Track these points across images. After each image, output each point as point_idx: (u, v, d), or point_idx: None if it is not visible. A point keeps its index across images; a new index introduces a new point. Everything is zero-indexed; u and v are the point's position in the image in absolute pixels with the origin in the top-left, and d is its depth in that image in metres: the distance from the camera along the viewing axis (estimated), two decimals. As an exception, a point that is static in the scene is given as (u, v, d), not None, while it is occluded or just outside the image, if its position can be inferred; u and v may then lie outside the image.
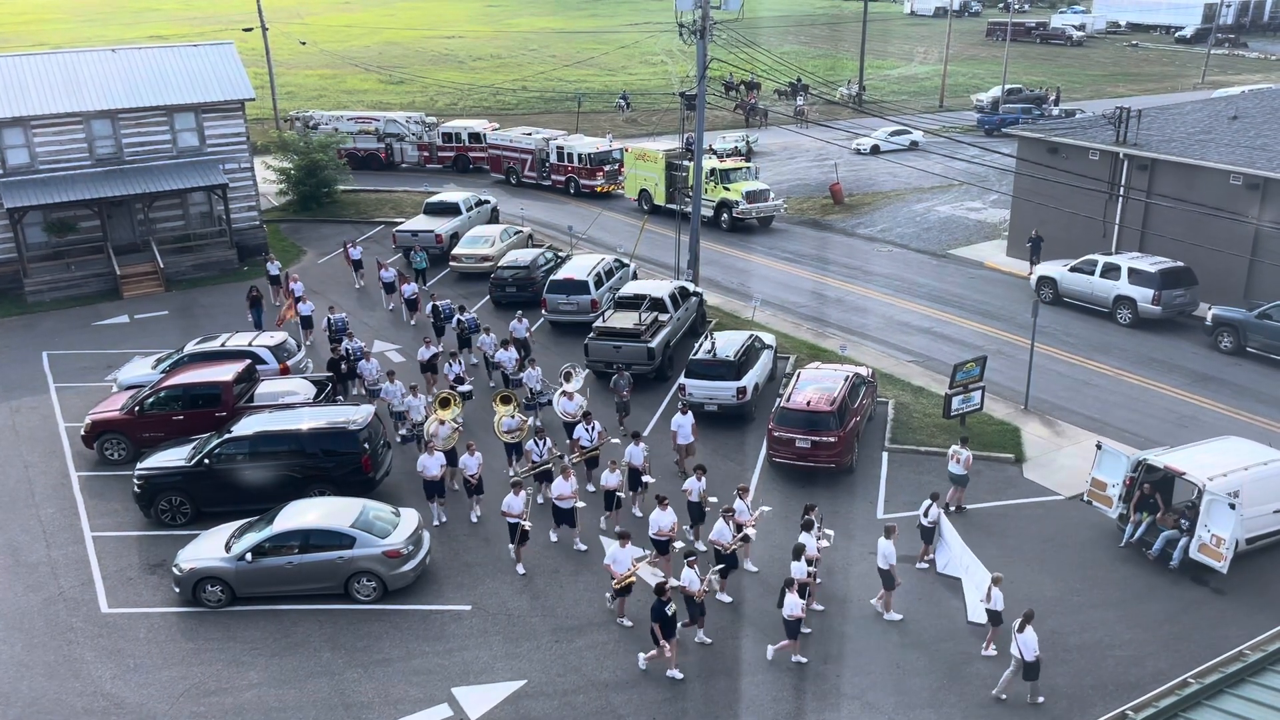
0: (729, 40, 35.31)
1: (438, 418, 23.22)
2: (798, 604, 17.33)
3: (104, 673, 18.11)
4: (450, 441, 22.84)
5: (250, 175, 41.04)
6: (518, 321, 29.80)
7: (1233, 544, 18.88)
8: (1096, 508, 21.36)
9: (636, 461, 21.99)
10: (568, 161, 49.88)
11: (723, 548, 19.06)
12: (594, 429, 23.09)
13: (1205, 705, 10.61)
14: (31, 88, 37.33)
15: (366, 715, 16.97)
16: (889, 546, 18.45)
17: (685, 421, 23.54)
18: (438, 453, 22.11)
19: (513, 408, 23.83)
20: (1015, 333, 31.44)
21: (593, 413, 23.85)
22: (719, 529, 19.10)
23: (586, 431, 23.02)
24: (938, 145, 53.84)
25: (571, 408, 24.09)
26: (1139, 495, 20.67)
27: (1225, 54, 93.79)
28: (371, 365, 27.25)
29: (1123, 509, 20.89)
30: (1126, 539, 20.74)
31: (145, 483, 22.33)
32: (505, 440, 23.56)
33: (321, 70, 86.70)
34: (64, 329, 34.51)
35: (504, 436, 23.55)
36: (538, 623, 19.16)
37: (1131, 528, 20.71)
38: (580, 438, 23.09)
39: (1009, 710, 16.67)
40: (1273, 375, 28.73)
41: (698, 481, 20.77)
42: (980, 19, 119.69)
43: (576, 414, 23.70)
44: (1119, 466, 20.84)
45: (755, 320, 32.88)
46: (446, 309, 31.41)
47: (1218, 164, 32.70)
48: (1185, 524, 19.85)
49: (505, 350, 27.86)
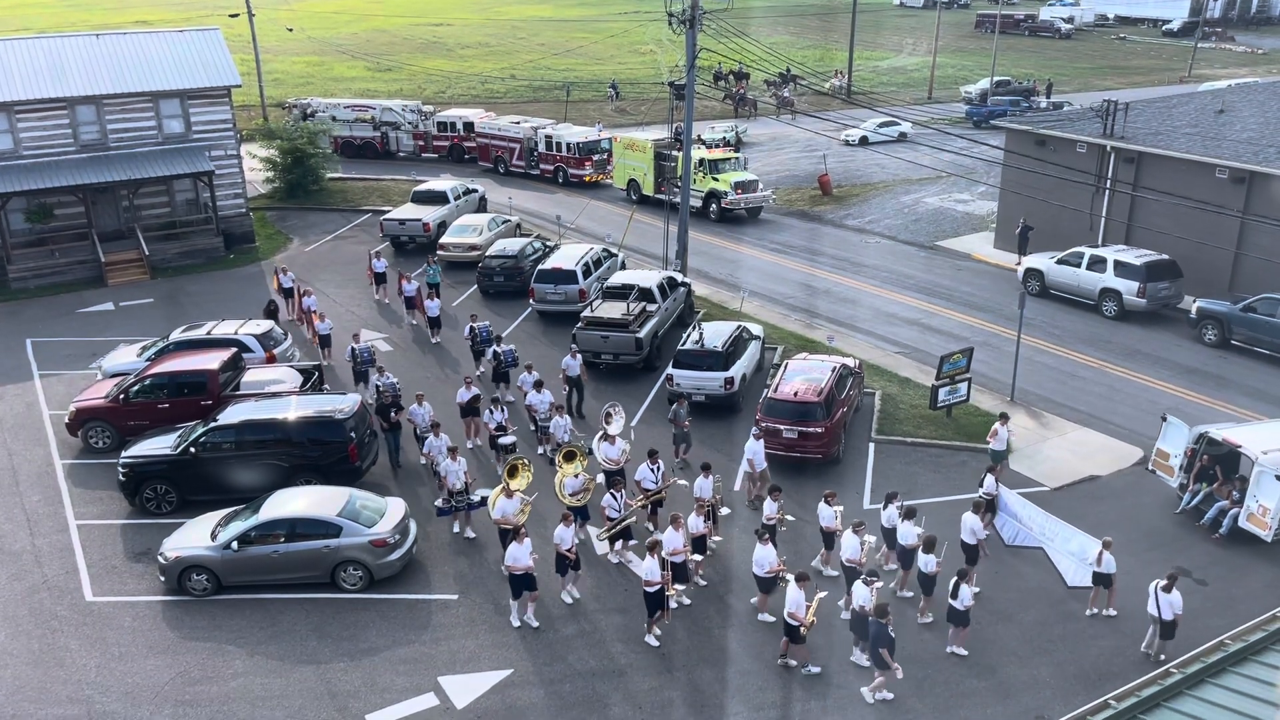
0: (718, 30, 35.21)
1: (504, 489, 19.65)
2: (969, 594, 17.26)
3: (89, 661, 18.05)
4: (521, 518, 19.41)
5: (237, 162, 40.81)
6: (571, 357, 26.05)
7: (1278, 515, 19.67)
8: (1159, 477, 22.31)
9: (705, 495, 20.08)
10: (556, 151, 49.75)
11: (858, 564, 18.17)
12: (659, 468, 20.82)
13: (1187, 694, 10.69)
14: (15, 73, 37.00)
15: (352, 704, 16.97)
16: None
17: (759, 448, 21.80)
18: (528, 539, 18.31)
19: (579, 464, 20.59)
20: (1002, 324, 31.55)
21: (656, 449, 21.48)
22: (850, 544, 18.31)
23: (651, 471, 20.71)
24: (926, 137, 53.89)
25: (614, 453, 21.35)
26: (1199, 466, 21.61)
27: (1212, 47, 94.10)
28: (423, 411, 23.61)
29: (1183, 479, 21.81)
30: (1183, 506, 21.70)
31: (130, 471, 22.23)
32: (571, 504, 20.08)
33: (309, 57, 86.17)
34: (48, 316, 34.28)
35: (569, 500, 20.13)
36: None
37: (1189, 496, 21.65)
38: (644, 479, 20.73)
39: (985, 699, 16.78)
40: (1256, 368, 28.92)
41: (773, 503, 19.68)
42: (969, 11, 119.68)
43: (620, 460, 21.31)
44: (1181, 438, 21.79)
45: (743, 311, 32.90)
46: (484, 331, 28.20)
47: (1204, 157, 32.83)
48: (1237, 495, 20.74)
49: (539, 392, 24.15)
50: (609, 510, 19.88)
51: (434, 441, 22.26)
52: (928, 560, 18.18)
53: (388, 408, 23.74)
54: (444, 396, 26.15)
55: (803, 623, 16.77)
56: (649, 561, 17.48)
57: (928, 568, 18.19)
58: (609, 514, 19.87)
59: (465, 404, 24.60)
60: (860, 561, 18.28)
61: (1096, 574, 18.47)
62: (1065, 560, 19.81)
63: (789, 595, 16.86)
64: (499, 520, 19.39)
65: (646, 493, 20.69)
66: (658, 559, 17.48)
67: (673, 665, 17.72)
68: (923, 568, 18.29)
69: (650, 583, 17.43)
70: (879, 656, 16.28)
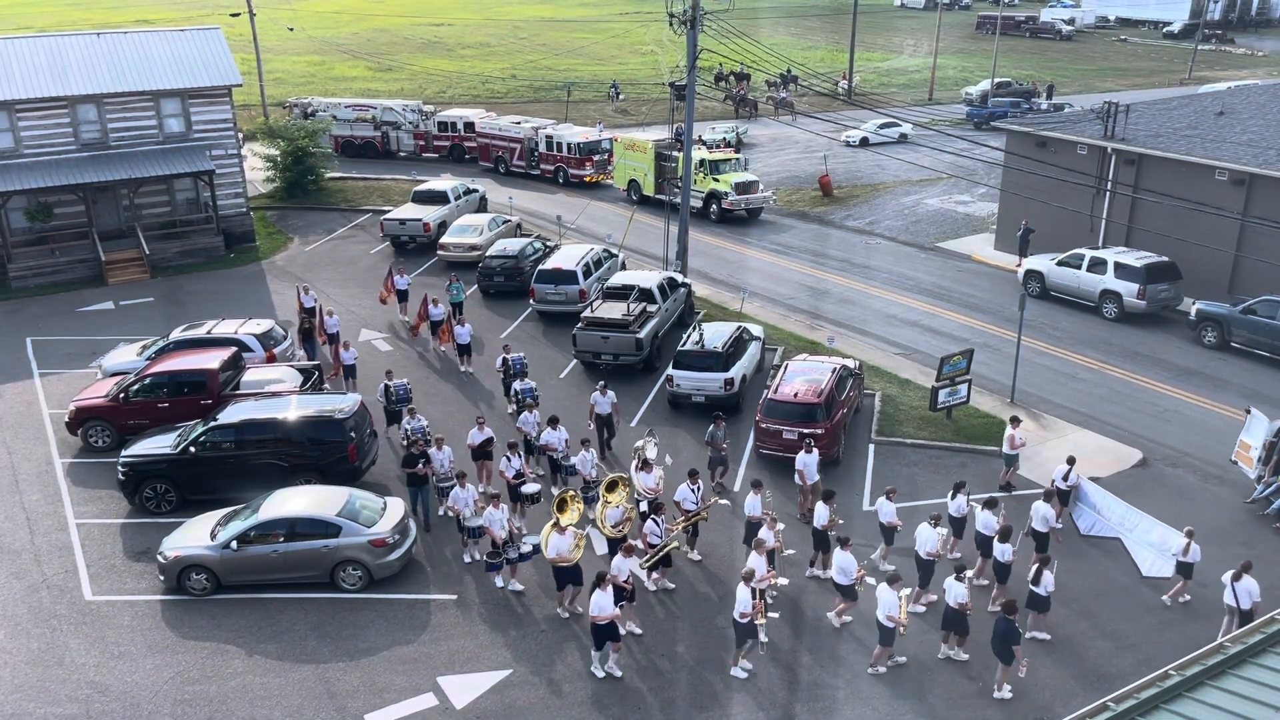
0: (719, 30, 35.21)
1: (555, 525, 18.68)
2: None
3: (88, 660, 18.05)
4: (576, 553, 18.58)
5: (237, 161, 40.81)
6: (600, 394, 24.22)
7: None
8: (1240, 468, 22.69)
9: (755, 513, 19.67)
10: (556, 151, 49.75)
11: (936, 556, 18.63)
12: (699, 489, 20.22)
13: (1186, 697, 10.68)
14: (16, 71, 37.00)
15: (351, 704, 16.97)
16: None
17: (812, 460, 21.46)
18: (611, 586, 16.99)
19: (622, 494, 19.87)
20: (1002, 326, 31.55)
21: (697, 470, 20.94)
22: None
23: (691, 492, 20.08)
24: (927, 138, 53.89)
25: (651, 481, 20.52)
26: (1277, 459, 21.88)
27: (1212, 49, 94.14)
28: (444, 455, 21.62)
29: (1260, 470, 22.14)
30: (1255, 496, 22.10)
31: (130, 470, 22.23)
32: (610, 535, 19.50)
33: (309, 56, 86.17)
34: (48, 315, 34.28)
35: (610, 532, 19.50)
36: (523, 613, 19.16)
37: (1262, 487, 22.03)
38: (684, 499, 20.08)
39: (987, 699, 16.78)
40: (1255, 370, 28.92)
41: (826, 507, 19.50)
42: (970, 12, 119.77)
43: (658, 488, 20.49)
44: (1263, 430, 22.18)
45: (743, 312, 32.90)
46: (518, 363, 26.10)
47: (1204, 159, 32.85)
48: None
49: (554, 430, 22.42)
50: (651, 537, 19.20)
51: (460, 494, 20.20)
52: (1003, 549, 18.46)
53: (416, 459, 21.39)
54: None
55: (901, 624, 16.82)
56: (742, 591, 16.85)
57: (1004, 557, 18.50)
58: (651, 540, 19.20)
59: (478, 446, 22.63)
60: (938, 554, 18.66)
61: (1180, 563, 18.76)
62: (1144, 551, 20.05)
63: (882, 598, 16.86)
64: (555, 559, 18.37)
65: (686, 514, 20.05)
66: (750, 589, 16.84)
67: (671, 666, 17.71)
68: (999, 557, 18.56)
69: (744, 614, 16.79)
70: (1007, 652, 16.33)
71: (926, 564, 18.84)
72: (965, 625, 17.26)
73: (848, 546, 18.06)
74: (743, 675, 17.38)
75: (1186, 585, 18.89)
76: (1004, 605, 16.44)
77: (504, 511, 19.47)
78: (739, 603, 16.84)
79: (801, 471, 21.45)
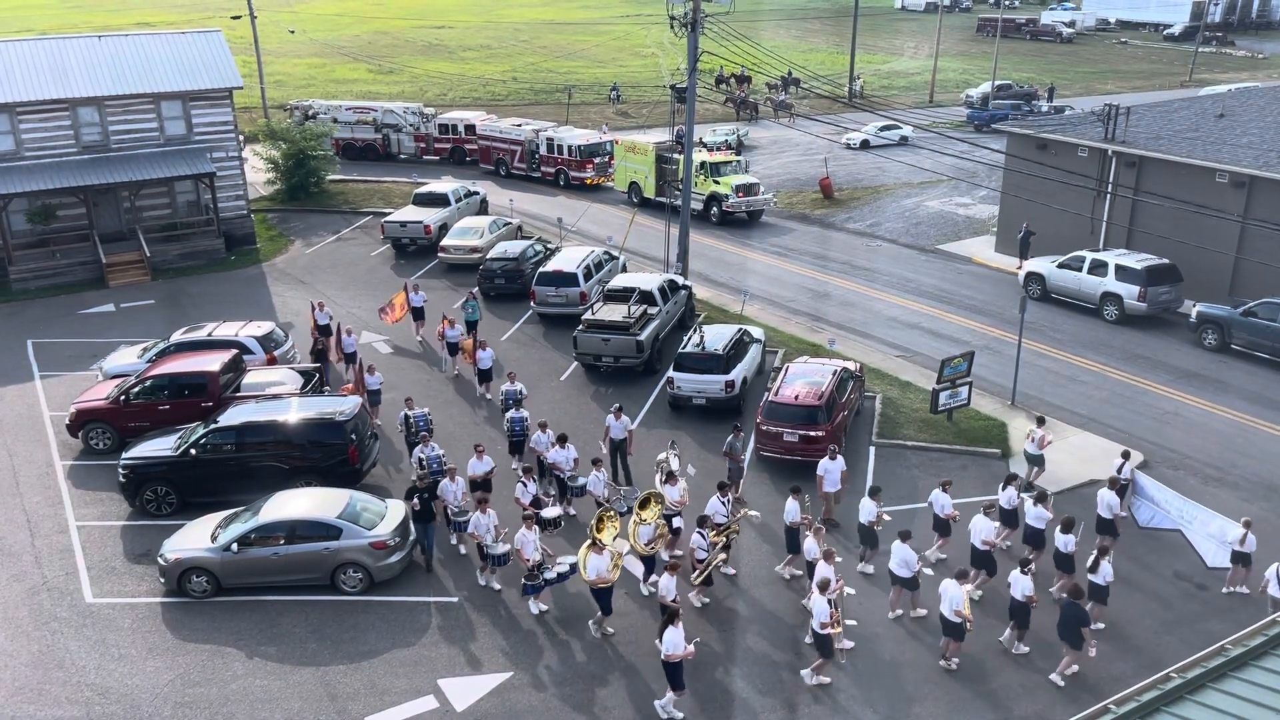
0: (720, 33, 35.23)
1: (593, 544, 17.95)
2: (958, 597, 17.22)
3: (88, 663, 18.04)
4: (614, 574, 18.05)
5: (238, 164, 40.84)
6: (614, 417, 22.95)
7: None
8: None
9: (794, 519, 19.51)
10: (557, 153, 49.77)
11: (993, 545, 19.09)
12: (728, 500, 19.67)
13: (1187, 699, 10.67)
14: (17, 74, 37.04)
15: (352, 706, 16.96)
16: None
17: (835, 467, 21.05)
18: (681, 622, 16.15)
19: (654, 510, 19.24)
20: (1003, 328, 31.55)
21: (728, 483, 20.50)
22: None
23: (722, 504, 19.55)
24: (927, 140, 53.93)
25: (676, 494, 20.26)
26: None
27: (1213, 52, 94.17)
28: (456, 487, 20.61)
29: None
30: None
31: (131, 472, 22.22)
32: (644, 554, 19.14)
33: (310, 59, 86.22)
34: (49, 317, 34.29)
35: (645, 550, 19.10)
36: (524, 615, 19.15)
37: None
38: (716, 512, 19.44)
39: (993, 697, 16.77)
40: (1256, 372, 28.91)
41: (874, 503, 19.51)
42: (970, 15, 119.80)
43: (683, 500, 20.29)
44: None
45: (744, 314, 32.91)
46: (513, 395, 24.52)
47: (1204, 161, 32.85)
48: None
49: (563, 448, 21.65)
50: (699, 552, 18.71)
51: (481, 519, 19.30)
52: (1066, 540, 18.62)
53: (420, 492, 20.17)
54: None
55: (968, 619, 16.89)
56: (819, 602, 16.62)
57: (1066, 547, 18.65)
58: (699, 555, 18.72)
59: (480, 478, 21.46)
60: (994, 544, 18.86)
61: (1237, 553, 18.96)
62: (1205, 543, 20.05)
63: (949, 593, 16.93)
64: (595, 581, 17.80)
65: (718, 528, 19.38)
66: (826, 598, 16.64)
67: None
68: (1061, 547, 18.72)
69: (823, 624, 16.54)
70: (1075, 636, 16.50)
71: (982, 554, 19.03)
72: (1028, 618, 17.48)
73: (908, 539, 18.15)
74: (822, 682, 17.17)
75: (1243, 574, 19.09)
76: (1070, 590, 16.73)
77: (536, 533, 18.75)
78: (817, 613, 16.68)
79: (822, 478, 21.18)
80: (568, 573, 18.79)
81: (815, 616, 16.66)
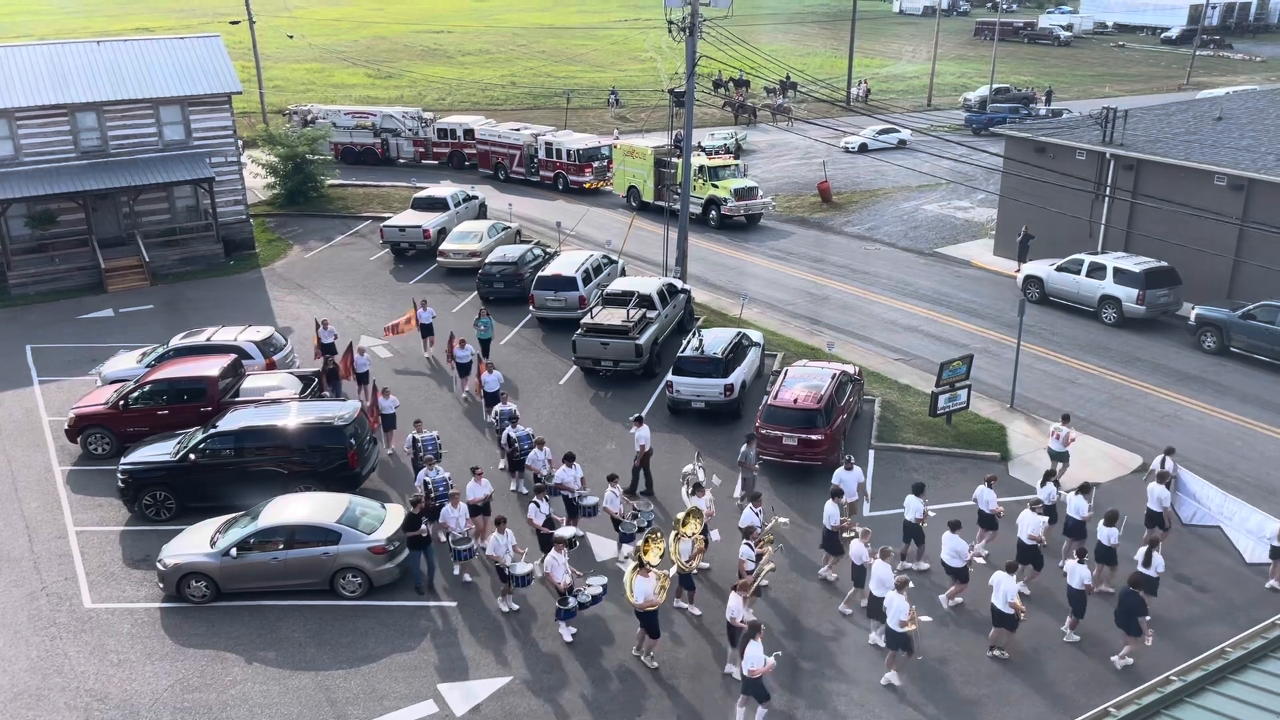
0: (718, 37, 35.28)
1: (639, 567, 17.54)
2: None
3: (87, 668, 18.02)
4: (660, 596, 17.50)
5: (237, 169, 40.86)
6: (636, 426, 22.80)
7: None
8: None
9: (834, 522, 19.47)
10: (556, 157, 49.80)
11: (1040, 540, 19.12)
12: (761, 511, 19.44)
13: (1187, 702, 10.67)
14: (16, 79, 37.06)
15: (351, 711, 16.94)
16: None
17: (852, 478, 20.88)
18: (762, 636, 15.74)
19: (695, 525, 19.01)
20: (1002, 331, 31.56)
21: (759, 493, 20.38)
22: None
23: (756, 515, 19.20)
24: (926, 144, 53.98)
25: (703, 505, 20.02)
26: None
27: (1210, 55, 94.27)
28: (459, 513, 19.91)
29: None
30: None
31: (130, 477, 22.21)
32: (686, 570, 18.82)
33: (309, 64, 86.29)
34: (48, 322, 34.29)
35: (686, 567, 18.77)
36: (523, 619, 19.14)
37: None
38: (751, 524, 18.99)
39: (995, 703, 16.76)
40: (1255, 375, 28.92)
41: (918, 499, 19.65)
42: (968, 18, 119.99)
43: (710, 511, 20.04)
44: None
45: (743, 318, 32.91)
46: (506, 414, 24.01)
47: (1202, 165, 32.89)
48: None
49: (570, 467, 21.10)
50: (748, 564, 18.29)
51: (499, 540, 18.88)
52: (1109, 533, 18.72)
53: (417, 519, 19.62)
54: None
55: (1021, 610, 17.07)
56: (899, 600, 16.63)
57: (1109, 540, 18.74)
58: (748, 566, 18.27)
59: (480, 502, 20.86)
60: (1040, 539, 18.92)
61: (1275, 548, 19.10)
62: (1244, 538, 20.15)
63: (1002, 585, 17.11)
64: (642, 604, 17.26)
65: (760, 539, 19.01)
66: (905, 597, 16.71)
67: (675, 672, 17.67)
68: (1104, 540, 18.81)
69: (903, 622, 16.61)
70: (1133, 624, 16.74)
71: (1029, 548, 19.10)
72: (1084, 606, 17.63)
73: (958, 530, 18.33)
74: (897, 683, 17.17)
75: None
76: (1130, 579, 16.89)
77: (566, 555, 18.20)
78: (895, 611, 16.68)
79: (838, 485, 20.79)
80: (601, 594, 18.40)
81: (892, 615, 16.75)
